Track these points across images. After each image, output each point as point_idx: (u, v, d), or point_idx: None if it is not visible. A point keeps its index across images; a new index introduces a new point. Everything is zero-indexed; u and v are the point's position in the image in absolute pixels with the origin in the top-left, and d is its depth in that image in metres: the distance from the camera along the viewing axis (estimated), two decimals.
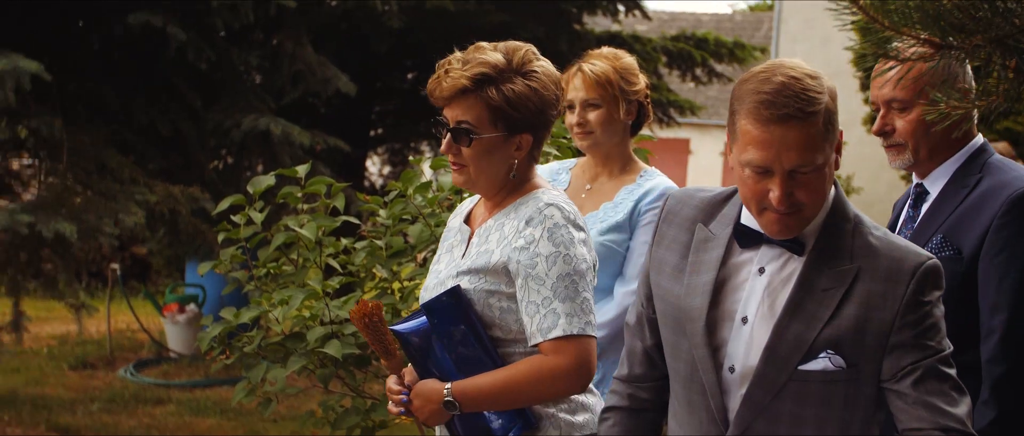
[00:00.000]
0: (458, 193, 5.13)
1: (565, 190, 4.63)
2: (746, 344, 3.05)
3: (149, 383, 10.57)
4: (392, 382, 3.74)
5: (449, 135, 3.61)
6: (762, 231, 3.06)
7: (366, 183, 12.90)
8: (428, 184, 5.15)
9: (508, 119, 3.59)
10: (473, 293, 3.62)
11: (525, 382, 3.57)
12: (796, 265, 3.04)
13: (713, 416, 3.10)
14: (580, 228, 3.62)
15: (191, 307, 11.90)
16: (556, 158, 5.19)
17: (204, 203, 6.87)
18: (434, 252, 5.23)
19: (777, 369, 2.99)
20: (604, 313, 4.44)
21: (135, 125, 7.31)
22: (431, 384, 3.65)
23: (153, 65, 7.32)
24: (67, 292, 7.95)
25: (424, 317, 3.69)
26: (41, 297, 14.07)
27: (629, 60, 4.59)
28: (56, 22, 7.05)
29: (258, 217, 4.87)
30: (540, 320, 3.53)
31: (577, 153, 5.09)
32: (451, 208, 5.22)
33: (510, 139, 3.61)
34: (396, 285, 5.05)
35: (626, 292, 4.46)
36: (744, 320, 3.05)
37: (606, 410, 3.49)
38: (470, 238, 3.78)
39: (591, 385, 3.77)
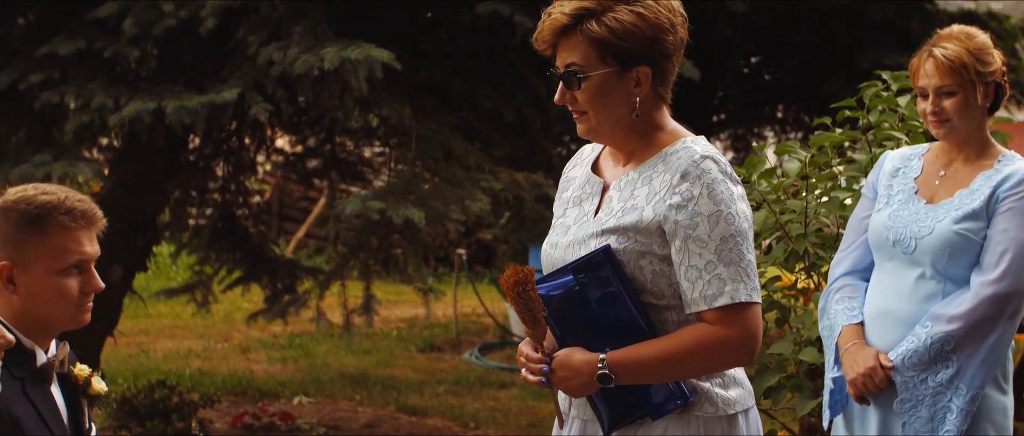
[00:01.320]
0: (804, 179, 4.97)
1: (916, 178, 4.40)
2: None
3: (493, 367, 10.77)
4: (527, 348, 3.42)
5: (561, 83, 3.32)
6: None
7: None
8: (772, 170, 5.01)
9: (617, 52, 3.27)
10: (622, 253, 3.28)
11: (689, 353, 3.25)
12: None
13: None
14: (737, 182, 3.29)
15: None
16: (906, 143, 4.95)
17: (548, 189, 6.89)
18: (779, 240, 5.08)
19: None
20: (959, 305, 4.16)
21: (481, 112, 7.42)
22: (580, 354, 3.33)
23: (498, 53, 7.41)
24: (415, 276, 8.14)
25: (569, 276, 3.36)
26: (391, 281, 14.57)
27: (983, 38, 4.27)
28: (406, 13, 7.22)
29: None
30: (703, 286, 3.23)
31: (928, 137, 4.81)
32: (796, 194, 5.06)
33: (625, 74, 3.29)
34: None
35: (983, 282, 4.16)
36: None
37: None
38: (604, 191, 3.45)
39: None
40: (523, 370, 3.45)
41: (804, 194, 4.93)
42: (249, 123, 8.07)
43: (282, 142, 9.56)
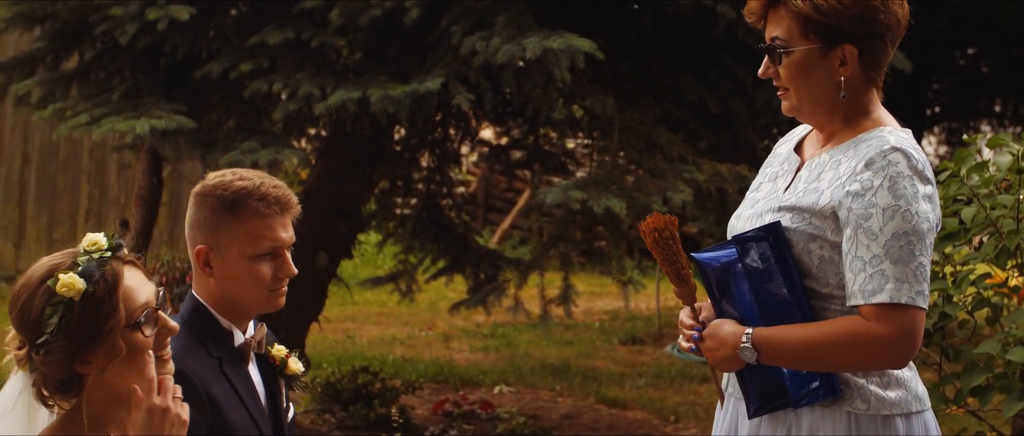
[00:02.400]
0: (1018, 172, 4.77)
1: None
2: None
3: (695, 360, 10.65)
4: (685, 316, 3.38)
5: (766, 57, 3.26)
6: None
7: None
8: (984, 164, 4.82)
9: (821, 28, 3.19)
10: (793, 233, 3.20)
11: (837, 344, 3.13)
12: None
13: None
14: (928, 181, 3.15)
15: None
16: None
17: (751, 181, 6.77)
18: (991, 235, 4.89)
19: None
20: None
21: (684, 103, 7.33)
22: (729, 326, 3.26)
23: (701, 43, 7.32)
24: (616, 268, 8.10)
25: (732, 248, 3.29)
26: (594, 273, 14.55)
27: None
28: (610, 2, 7.18)
29: None
30: (865, 280, 3.11)
31: None
32: (1009, 189, 4.86)
33: (829, 52, 3.21)
34: (948, 269, 4.75)
35: None
36: None
37: None
38: (798, 169, 3.35)
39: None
40: (680, 338, 3.42)
41: (1016, 189, 4.74)
42: (453, 114, 8.13)
43: (487, 133, 9.62)
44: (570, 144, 9.68)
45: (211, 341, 3.49)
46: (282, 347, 3.73)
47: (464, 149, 9.47)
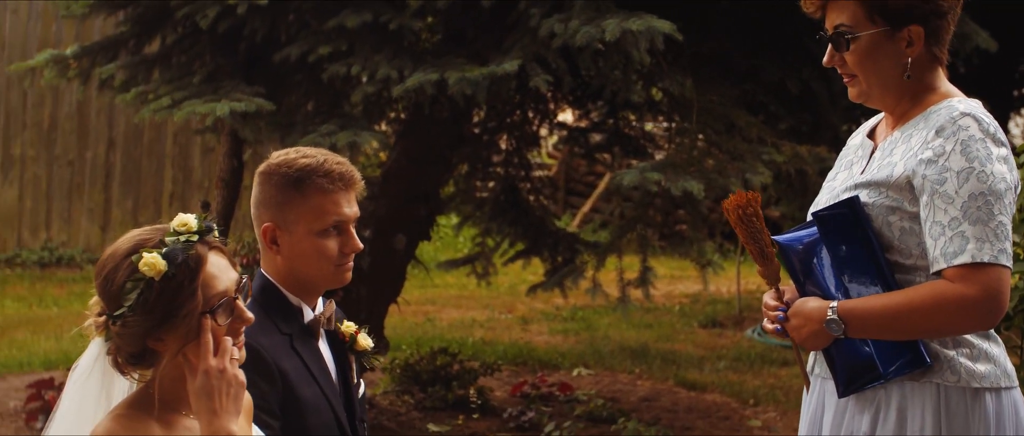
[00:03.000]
0: None
1: None
2: None
3: (776, 344, 10.59)
4: (768, 298, 3.40)
5: (830, 46, 3.27)
6: None
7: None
8: None
9: (886, 11, 3.20)
10: (872, 208, 3.22)
11: (924, 309, 3.13)
12: None
13: None
14: (1001, 143, 3.15)
15: None
16: None
17: (831, 163, 6.69)
18: None
19: None
20: None
21: (764, 84, 7.28)
22: (814, 302, 3.27)
23: (782, 24, 7.26)
24: (695, 251, 8.06)
25: (813, 228, 3.30)
26: (674, 257, 14.50)
27: None
28: None
29: None
30: (945, 243, 3.12)
31: None
32: None
33: (895, 34, 3.21)
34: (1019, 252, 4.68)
35: None
36: None
37: None
38: (872, 153, 3.36)
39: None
40: (764, 320, 3.44)
41: None
42: (532, 96, 8.13)
43: (566, 116, 9.60)
44: (649, 127, 9.63)
45: (281, 318, 3.53)
46: (351, 323, 3.76)
47: (543, 132, 9.45)
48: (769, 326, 3.41)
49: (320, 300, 3.68)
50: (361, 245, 3.58)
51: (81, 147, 13.73)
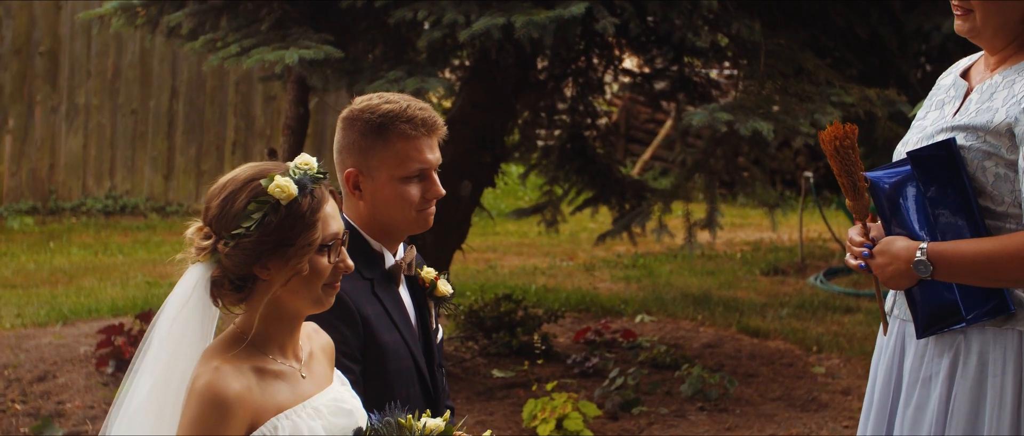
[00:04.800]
0: None
1: None
2: None
3: (838, 291, 10.55)
4: (854, 233, 3.36)
5: None
6: None
7: None
8: None
9: None
10: (968, 151, 3.18)
11: (1015, 258, 3.10)
12: None
13: None
14: None
15: None
16: None
17: (901, 106, 6.64)
18: None
19: None
20: None
21: (831, 29, 7.22)
22: (901, 242, 3.24)
23: None
24: (762, 194, 8.03)
25: (907, 167, 3.26)
26: (736, 205, 14.45)
27: None
28: None
29: None
30: None
31: None
32: None
33: None
34: None
35: None
36: None
37: None
38: (967, 94, 3.32)
39: None
40: (847, 255, 3.41)
41: None
42: (597, 42, 8.10)
43: (630, 63, 9.56)
44: (713, 74, 9.57)
45: (362, 263, 3.54)
46: (432, 269, 3.78)
47: (607, 79, 9.42)
48: (853, 261, 3.39)
49: (401, 246, 3.70)
50: (443, 191, 3.59)
51: (144, 96, 13.81)
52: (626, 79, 9.45)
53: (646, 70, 8.93)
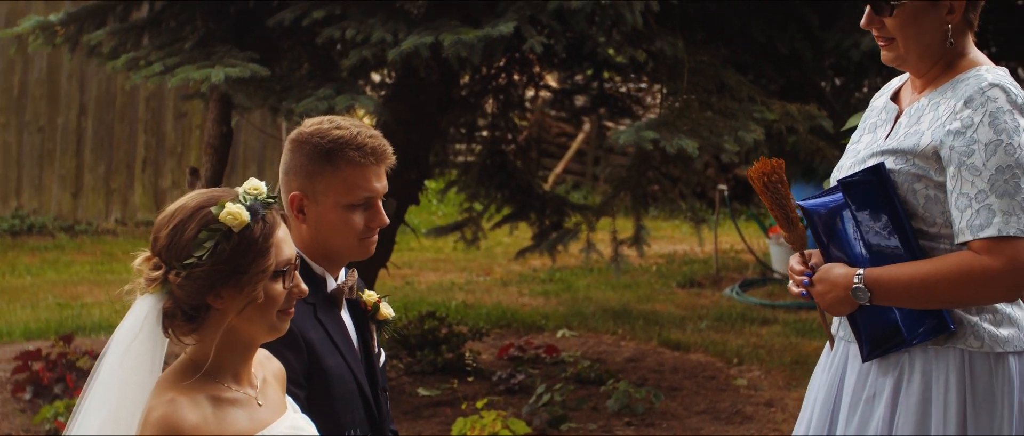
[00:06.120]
0: None
1: None
2: None
3: (755, 303, 10.65)
4: (794, 262, 3.42)
5: (868, 8, 3.27)
6: None
7: None
8: None
9: None
10: (897, 175, 3.24)
11: (949, 280, 3.16)
12: None
13: None
14: None
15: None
16: None
17: (821, 121, 6.73)
18: None
19: None
20: None
21: (753, 45, 7.29)
22: (840, 268, 3.31)
23: None
24: (687, 208, 8.08)
25: (839, 194, 3.33)
26: (648, 217, 14.51)
27: None
28: None
29: None
30: (972, 216, 3.14)
31: None
32: None
33: (938, 2, 3.23)
34: None
35: None
36: None
37: None
38: (897, 117, 3.38)
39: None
40: (789, 282, 3.46)
41: None
42: (518, 59, 8.11)
43: (550, 78, 9.58)
44: (625, 88, 9.60)
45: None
46: (373, 293, 3.75)
47: (528, 94, 9.44)
48: (794, 289, 3.43)
49: (342, 269, 3.67)
50: (387, 220, 3.57)
51: (52, 113, 13.59)
52: (546, 95, 9.48)
53: (567, 86, 8.96)
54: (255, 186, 2.94)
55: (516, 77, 8.47)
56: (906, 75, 3.48)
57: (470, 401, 7.21)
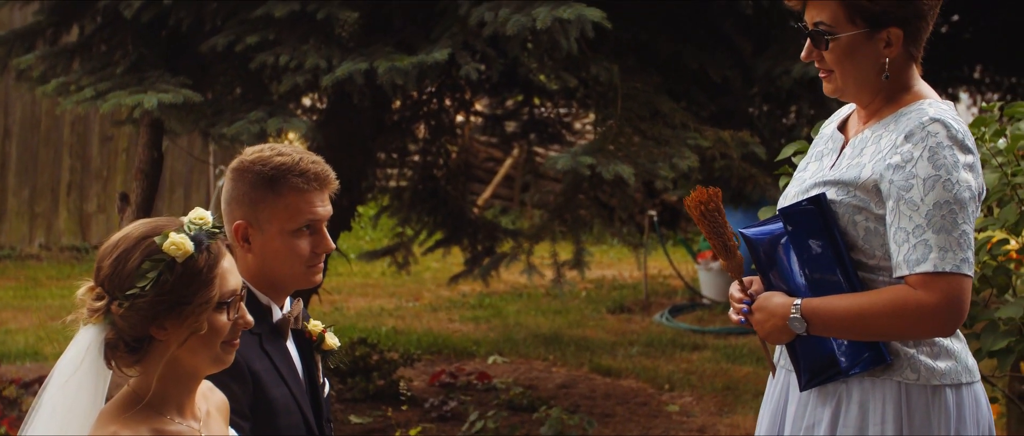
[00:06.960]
0: None
1: None
2: None
3: (685, 329, 10.70)
4: (734, 289, 3.43)
5: (808, 42, 3.31)
6: None
7: None
8: (1002, 130, 4.83)
9: (866, 13, 3.24)
10: (838, 206, 3.27)
11: (884, 314, 3.19)
12: None
13: None
14: (968, 151, 3.20)
15: None
16: None
17: (754, 147, 6.78)
18: (1002, 201, 4.92)
19: None
20: None
21: (685, 72, 7.34)
22: (778, 297, 3.33)
23: (701, 12, 7.33)
24: (627, 233, 8.11)
25: (779, 223, 3.36)
26: (571, 241, 14.53)
27: None
28: None
29: None
30: (909, 250, 3.17)
31: None
32: None
33: (875, 35, 3.25)
34: None
35: None
36: None
37: None
38: (842, 147, 3.42)
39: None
40: (730, 309, 3.47)
41: None
42: (449, 85, 8.11)
43: (480, 104, 9.58)
44: (553, 113, 9.63)
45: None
46: (318, 323, 3.73)
47: (459, 119, 9.43)
48: (734, 317, 3.44)
49: (288, 299, 3.64)
50: (334, 245, 3.54)
51: None
52: (477, 120, 9.48)
53: (498, 111, 8.96)
54: (200, 216, 2.91)
55: (447, 102, 8.46)
56: (853, 105, 3.51)
57: (403, 428, 7.18)
